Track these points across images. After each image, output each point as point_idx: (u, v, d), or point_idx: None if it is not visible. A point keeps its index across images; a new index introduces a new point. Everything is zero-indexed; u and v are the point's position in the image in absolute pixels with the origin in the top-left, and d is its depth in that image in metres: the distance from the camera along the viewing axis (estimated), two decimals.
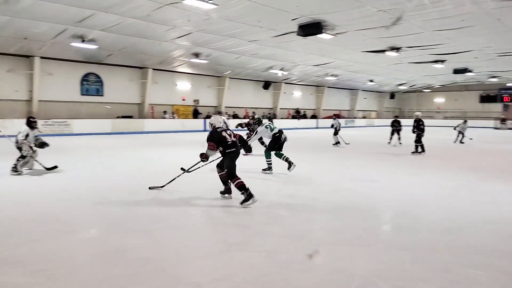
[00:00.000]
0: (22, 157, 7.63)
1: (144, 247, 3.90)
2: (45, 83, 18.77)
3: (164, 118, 23.18)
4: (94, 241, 4.19)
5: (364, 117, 38.50)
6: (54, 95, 19.29)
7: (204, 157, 5.91)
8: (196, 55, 19.38)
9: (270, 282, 3.18)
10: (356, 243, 4.11)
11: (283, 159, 8.32)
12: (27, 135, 7.64)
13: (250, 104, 28.37)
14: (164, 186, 6.39)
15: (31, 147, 7.70)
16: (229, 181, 5.82)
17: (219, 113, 9.83)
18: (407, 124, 15.98)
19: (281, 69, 24.09)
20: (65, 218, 4.96)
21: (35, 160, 7.81)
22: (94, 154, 11.68)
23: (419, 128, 12.65)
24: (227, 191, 6.03)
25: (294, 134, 22.48)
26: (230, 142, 5.85)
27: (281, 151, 8.41)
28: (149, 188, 6.42)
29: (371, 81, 31.19)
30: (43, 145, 7.97)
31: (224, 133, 5.89)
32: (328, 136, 15.96)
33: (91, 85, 20.89)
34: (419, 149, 12.54)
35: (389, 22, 13.56)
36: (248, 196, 5.52)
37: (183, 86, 25.00)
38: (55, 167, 7.99)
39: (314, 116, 33.18)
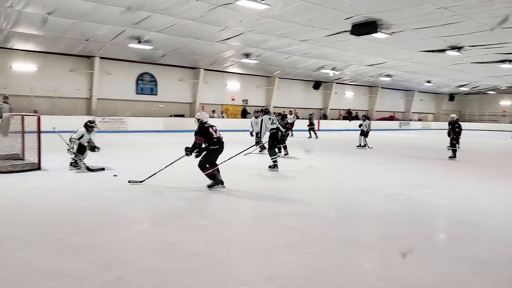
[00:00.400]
0: (81, 152, 8.02)
1: (194, 243, 3.97)
2: (104, 82, 19.83)
3: (213, 118, 23.60)
4: (148, 234, 4.32)
5: (420, 120, 36.78)
6: (112, 93, 20.31)
7: (188, 151, 6.20)
8: (247, 55, 19.54)
9: (318, 285, 3.09)
10: (409, 250, 3.89)
11: (273, 159, 8.61)
12: (81, 136, 7.97)
13: (299, 104, 28.13)
14: (143, 181, 6.59)
15: (83, 147, 8.06)
16: (202, 171, 6.25)
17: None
18: (467, 128, 15.05)
19: (333, 69, 23.62)
20: (121, 210, 5.19)
21: (80, 159, 7.92)
22: (147, 150, 12.14)
23: (454, 131, 11.79)
24: (219, 182, 6.35)
25: (345, 136, 22.02)
26: (215, 139, 6.24)
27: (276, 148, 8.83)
28: (129, 181, 6.61)
29: (429, 82, 29.68)
30: (93, 149, 8.24)
31: (210, 129, 6.25)
32: (381, 139, 15.42)
33: (146, 84, 21.78)
34: (453, 154, 11.71)
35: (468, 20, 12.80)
36: (215, 182, 6.21)
37: (233, 86, 25.34)
38: (102, 169, 7.96)
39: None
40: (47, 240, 3.94)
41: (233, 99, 25.24)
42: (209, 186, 6.26)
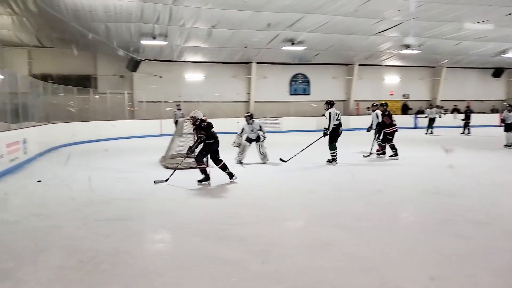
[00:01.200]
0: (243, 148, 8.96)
1: (350, 243, 3.84)
2: (260, 85, 21.12)
3: (368, 115, 22.65)
4: (303, 232, 4.36)
5: None
6: (267, 96, 21.41)
7: (199, 140, 6.58)
8: (407, 46, 18.03)
9: None
10: None
11: (332, 153, 8.72)
12: (242, 130, 8.99)
13: (473, 96, 24.34)
14: (167, 179, 6.75)
15: (250, 140, 8.94)
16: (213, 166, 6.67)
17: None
18: None
19: None
20: (276, 206, 5.37)
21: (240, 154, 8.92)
22: (299, 149, 12.30)
23: None
24: (209, 178, 6.66)
25: None
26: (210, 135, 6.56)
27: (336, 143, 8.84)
28: (154, 182, 6.70)
29: None
30: (259, 137, 9.04)
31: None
32: None
33: (299, 85, 22.32)
34: None
35: None
36: (205, 178, 6.60)
37: (391, 80, 23.80)
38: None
39: None
40: (215, 229, 4.28)
41: (391, 94, 23.69)
42: (199, 181, 6.61)
